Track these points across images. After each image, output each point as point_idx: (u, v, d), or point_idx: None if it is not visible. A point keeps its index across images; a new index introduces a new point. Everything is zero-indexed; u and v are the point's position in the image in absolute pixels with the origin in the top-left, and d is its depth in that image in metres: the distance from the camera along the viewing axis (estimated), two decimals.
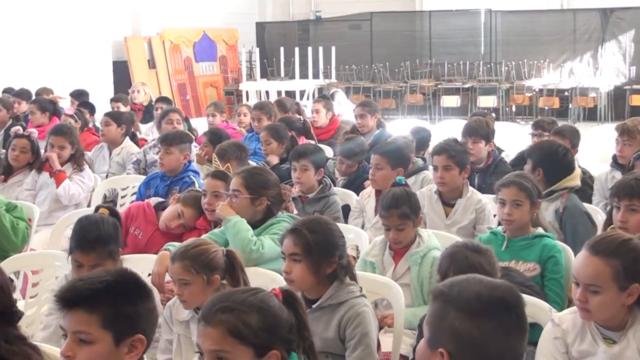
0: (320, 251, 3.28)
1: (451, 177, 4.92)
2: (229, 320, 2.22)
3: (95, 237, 3.71)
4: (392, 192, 4.16)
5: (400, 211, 4.03)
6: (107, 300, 2.31)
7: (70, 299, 2.31)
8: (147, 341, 2.39)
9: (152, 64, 16.84)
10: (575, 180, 4.96)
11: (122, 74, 15.75)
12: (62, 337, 2.34)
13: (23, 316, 2.70)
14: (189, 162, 5.97)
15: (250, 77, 17.91)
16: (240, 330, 2.21)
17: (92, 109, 9.51)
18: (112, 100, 10.46)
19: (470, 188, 5.04)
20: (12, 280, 4.07)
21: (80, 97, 10.05)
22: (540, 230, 4.11)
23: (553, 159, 4.99)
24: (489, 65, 17.42)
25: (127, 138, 7.40)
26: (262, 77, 17.41)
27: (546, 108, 15.83)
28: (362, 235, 4.65)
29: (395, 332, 3.63)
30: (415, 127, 7.34)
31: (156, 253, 4.07)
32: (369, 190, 5.38)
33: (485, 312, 2.02)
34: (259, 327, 2.24)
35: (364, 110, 7.90)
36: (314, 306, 3.27)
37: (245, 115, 9.22)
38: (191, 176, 5.80)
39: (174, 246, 3.98)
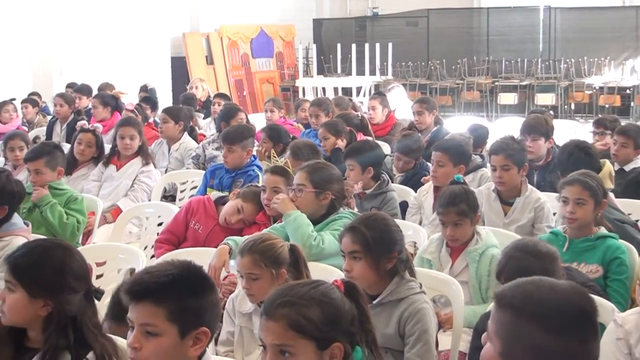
0: (379, 247, 3.28)
1: (510, 177, 4.88)
2: (290, 314, 2.23)
3: None
4: (451, 189, 4.15)
5: (458, 208, 4.01)
6: (173, 294, 2.34)
7: (138, 292, 2.35)
8: (211, 333, 2.42)
9: (209, 60, 16.99)
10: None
11: (180, 70, 15.93)
12: (130, 328, 2.39)
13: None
14: (254, 156, 6.01)
15: (307, 73, 17.96)
16: (302, 324, 2.22)
17: (153, 105, 9.64)
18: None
19: (529, 186, 4.98)
20: None
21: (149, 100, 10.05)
22: (603, 230, 4.05)
23: (569, 161, 4.92)
24: (547, 63, 17.20)
25: (186, 134, 7.45)
26: (318, 73, 17.45)
27: (607, 106, 15.57)
28: (421, 232, 4.64)
29: (455, 329, 3.62)
30: (473, 125, 7.31)
31: (216, 247, 4.11)
32: (427, 187, 5.37)
33: (569, 327, 1.96)
34: (321, 321, 2.24)
35: (422, 107, 7.87)
36: (374, 302, 3.27)
37: (304, 111, 9.24)
38: (256, 170, 5.84)
39: (233, 240, 4.03)
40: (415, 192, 5.51)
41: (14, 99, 10.48)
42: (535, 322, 1.95)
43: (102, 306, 4.16)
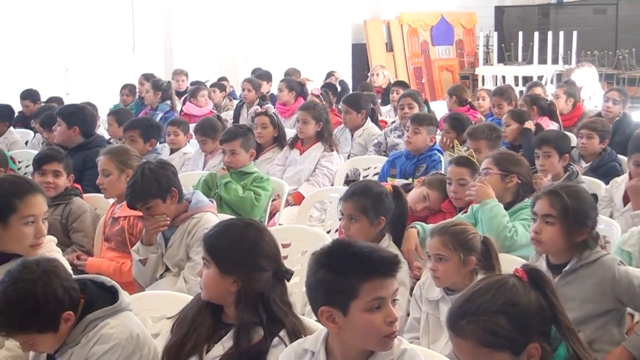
0: (575, 217, 3.26)
1: None
2: (477, 331, 2.19)
3: None
4: None
5: None
6: None
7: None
8: None
9: (389, 47, 17.00)
10: None
11: (360, 57, 16.05)
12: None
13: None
14: (435, 143, 6.03)
15: (487, 61, 17.64)
16: (491, 340, 2.19)
17: (334, 91, 9.78)
18: None
19: None
20: None
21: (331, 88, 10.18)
22: None
23: None
24: None
25: (369, 119, 7.48)
26: (499, 61, 17.11)
27: None
28: (614, 226, 4.43)
29: None
30: None
31: None
32: (621, 179, 5.14)
33: None
34: (510, 331, 2.19)
35: (620, 97, 7.63)
36: (564, 270, 3.27)
37: (484, 100, 9.11)
38: (438, 153, 5.88)
39: (421, 225, 4.03)
40: (606, 184, 5.31)
41: (207, 81, 10.92)
42: None
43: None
